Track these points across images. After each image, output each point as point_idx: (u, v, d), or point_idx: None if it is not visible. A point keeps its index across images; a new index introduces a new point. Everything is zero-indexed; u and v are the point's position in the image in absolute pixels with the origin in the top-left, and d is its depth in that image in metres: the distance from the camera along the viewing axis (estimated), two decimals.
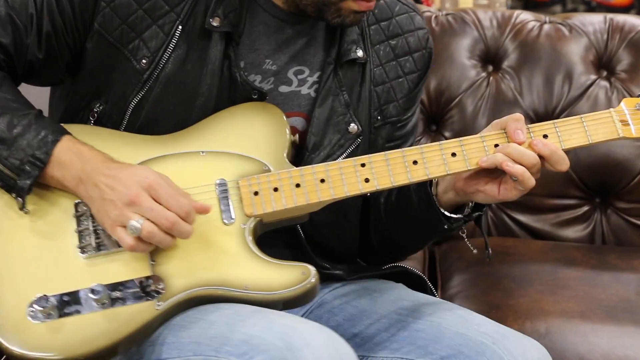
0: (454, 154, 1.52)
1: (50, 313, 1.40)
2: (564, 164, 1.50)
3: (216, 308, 1.42)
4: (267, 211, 1.49)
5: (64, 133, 1.49)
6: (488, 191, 1.53)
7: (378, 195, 1.72)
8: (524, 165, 1.48)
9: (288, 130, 1.57)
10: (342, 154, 1.63)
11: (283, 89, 1.63)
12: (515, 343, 1.48)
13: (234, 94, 1.58)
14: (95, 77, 1.59)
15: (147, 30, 1.55)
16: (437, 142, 1.53)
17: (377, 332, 1.59)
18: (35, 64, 1.58)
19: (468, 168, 1.52)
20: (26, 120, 1.48)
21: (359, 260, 1.80)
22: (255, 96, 1.58)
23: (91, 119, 1.59)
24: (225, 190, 1.51)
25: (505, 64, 2.57)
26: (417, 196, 1.62)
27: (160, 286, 1.43)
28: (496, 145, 1.52)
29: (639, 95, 1.57)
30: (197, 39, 1.56)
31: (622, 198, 2.54)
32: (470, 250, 1.63)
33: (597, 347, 1.91)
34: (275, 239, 1.59)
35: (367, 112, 1.68)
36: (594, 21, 2.62)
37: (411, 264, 2.30)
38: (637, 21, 2.62)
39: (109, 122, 1.58)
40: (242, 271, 1.45)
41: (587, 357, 1.91)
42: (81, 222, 1.48)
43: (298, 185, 1.50)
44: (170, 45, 1.56)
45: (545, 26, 2.60)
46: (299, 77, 1.64)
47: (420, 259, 2.41)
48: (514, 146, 1.50)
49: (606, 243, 2.54)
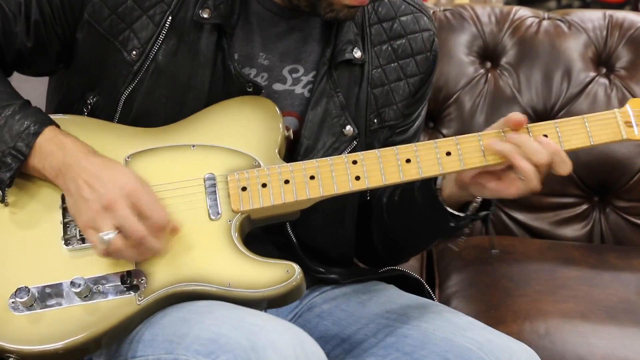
0: (448, 153, 1.48)
1: (31, 305, 1.39)
2: (566, 168, 1.46)
3: (193, 305, 1.40)
4: (255, 207, 1.47)
5: (48, 124, 1.46)
6: (489, 185, 1.48)
7: (380, 194, 1.69)
8: (533, 161, 1.43)
9: (281, 125, 1.53)
10: None
11: (277, 86, 1.60)
12: (502, 347, 1.45)
13: (229, 86, 1.55)
14: (87, 69, 1.57)
15: (137, 21, 1.53)
16: (433, 140, 1.49)
17: (365, 338, 1.56)
18: (24, 53, 1.57)
19: (462, 168, 1.48)
20: (9, 110, 1.46)
21: (356, 261, 1.77)
22: (250, 89, 1.55)
23: (85, 110, 1.58)
24: (213, 184, 1.48)
25: (504, 61, 2.55)
26: (422, 195, 1.57)
27: (142, 281, 1.41)
28: None
29: None
30: (188, 30, 1.54)
31: (621, 197, 2.52)
32: (469, 249, 1.60)
33: (598, 349, 1.90)
34: (268, 243, 1.57)
35: (364, 115, 1.64)
36: (593, 18, 2.60)
37: (409, 263, 2.29)
38: (637, 18, 2.60)
39: (102, 114, 1.56)
40: (225, 268, 1.43)
41: (588, 359, 1.89)
42: (67, 214, 1.46)
43: (287, 182, 1.47)
44: (161, 37, 1.53)
45: (544, 22, 2.58)
46: (294, 76, 1.61)
47: (417, 257, 2.39)
48: (530, 142, 1.44)
49: (605, 242, 2.52)
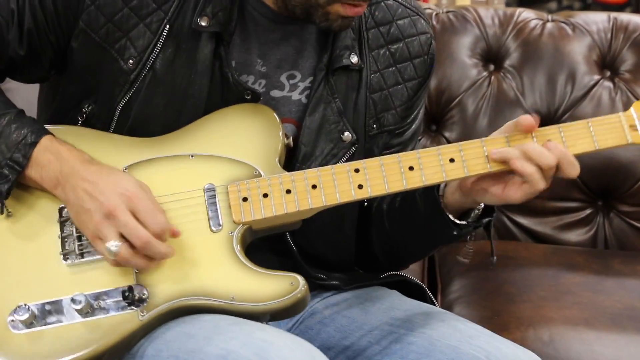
0: (452, 160, 1.46)
1: (31, 322, 1.37)
2: (574, 170, 1.44)
3: (197, 319, 1.38)
4: (256, 218, 1.44)
5: (44, 134, 1.45)
6: (493, 191, 1.47)
7: (380, 201, 1.67)
8: (539, 166, 1.42)
9: (281, 133, 1.52)
10: (336, 163, 1.56)
11: (275, 93, 1.58)
12: (509, 356, 1.43)
13: (227, 94, 1.53)
14: (83, 77, 1.55)
15: (134, 29, 1.51)
16: (435, 147, 1.47)
17: (369, 345, 1.54)
18: (16, 60, 1.54)
19: (466, 175, 1.46)
20: (4, 120, 1.44)
21: (356, 268, 1.75)
22: (248, 97, 1.54)
23: (80, 119, 1.55)
24: (213, 195, 1.46)
25: (507, 63, 2.54)
26: (424, 202, 1.55)
27: (144, 296, 1.39)
28: None
29: None
30: (186, 38, 1.52)
31: (625, 201, 2.50)
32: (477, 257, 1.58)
33: (603, 356, 1.88)
34: (267, 250, 1.55)
35: (363, 120, 1.62)
36: (597, 20, 2.59)
37: (411, 267, 2.26)
38: None
39: (98, 123, 1.54)
40: (228, 281, 1.41)
41: None
42: (65, 228, 1.44)
43: (289, 192, 1.45)
44: (158, 45, 1.51)
45: (548, 25, 2.56)
46: (291, 82, 1.59)
47: (419, 262, 2.37)
48: (533, 144, 1.43)
49: (609, 247, 2.51)
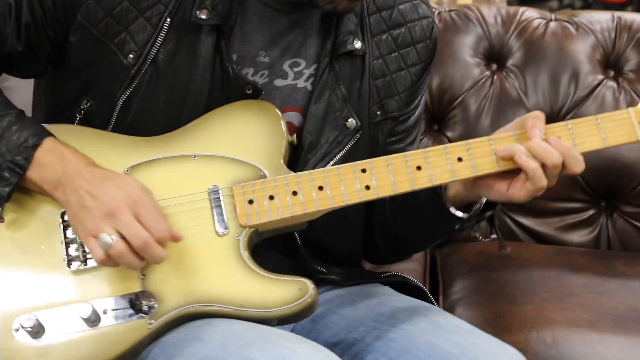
0: (460, 159, 1.45)
1: (37, 332, 1.35)
2: (579, 166, 1.43)
3: (209, 325, 1.36)
4: (263, 221, 1.43)
5: (46, 135, 1.43)
6: (497, 187, 1.46)
7: None
8: (544, 163, 1.41)
9: (285, 131, 1.49)
10: (341, 151, 1.57)
11: (278, 82, 1.56)
12: (486, 351, 1.42)
13: (227, 89, 1.51)
14: (81, 73, 1.53)
15: (134, 23, 1.48)
16: (443, 146, 1.46)
17: (355, 341, 1.53)
18: (14, 56, 1.52)
19: (475, 174, 1.45)
20: (5, 122, 1.42)
21: (362, 260, 1.74)
22: (249, 91, 1.52)
23: (78, 116, 1.53)
24: (218, 198, 1.44)
25: (510, 63, 2.52)
26: (425, 195, 1.54)
27: (152, 303, 1.37)
28: None
29: None
30: (187, 32, 1.49)
31: (629, 202, 2.48)
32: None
33: (606, 359, 1.85)
34: (269, 242, 1.52)
35: (367, 107, 1.61)
36: (601, 19, 2.57)
37: (412, 267, 2.26)
38: None
39: (96, 120, 1.52)
40: (237, 288, 1.39)
41: None
42: (67, 233, 1.41)
43: (295, 193, 1.43)
44: (159, 39, 1.49)
45: (551, 24, 2.55)
46: (295, 70, 1.57)
47: (421, 261, 2.36)
48: (538, 140, 1.42)
49: (612, 248, 2.49)
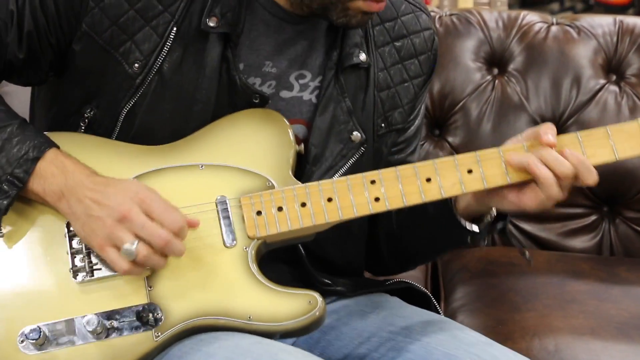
0: (470, 171, 1.43)
1: (43, 344, 1.33)
2: (592, 177, 1.42)
3: (215, 339, 1.34)
4: (271, 233, 1.41)
5: (48, 147, 1.40)
6: (510, 197, 1.44)
7: None
8: (556, 173, 1.40)
9: (293, 140, 1.48)
10: (346, 164, 1.55)
11: (284, 94, 1.55)
12: None
13: (234, 98, 1.50)
14: (85, 81, 1.51)
15: (140, 32, 1.47)
16: (452, 157, 1.44)
17: (367, 353, 1.52)
18: (15, 64, 1.50)
19: (485, 187, 1.43)
20: (5, 133, 1.40)
21: (364, 271, 1.72)
22: (256, 100, 1.50)
23: (82, 125, 1.51)
24: (226, 209, 1.42)
25: (511, 67, 2.50)
26: (435, 207, 1.52)
27: (159, 315, 1.35)
28: None
29: None
30: (193, 41, 1.48)
31: (632, 207, 2.47)
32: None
33: None
34: (272, 252, 1.50)
35: (371, 120, 1.59)
36: (603, 23, 2.55)
37: (413, 274, 2.25)
38: None
39: (100, 129, 1.50)
40: (245, 301, 1.38)
41: None
42: (73, 243, 1.39)
43: (304, 205, 1.41)
44: (165, 48, 1.47)
45: (553, 28, 2.53)
46: (301, 82, 1.55)
47: (422, 268, 2.35)
48: (550, 150, 1.41)
49: (614, 254, 2.47)
